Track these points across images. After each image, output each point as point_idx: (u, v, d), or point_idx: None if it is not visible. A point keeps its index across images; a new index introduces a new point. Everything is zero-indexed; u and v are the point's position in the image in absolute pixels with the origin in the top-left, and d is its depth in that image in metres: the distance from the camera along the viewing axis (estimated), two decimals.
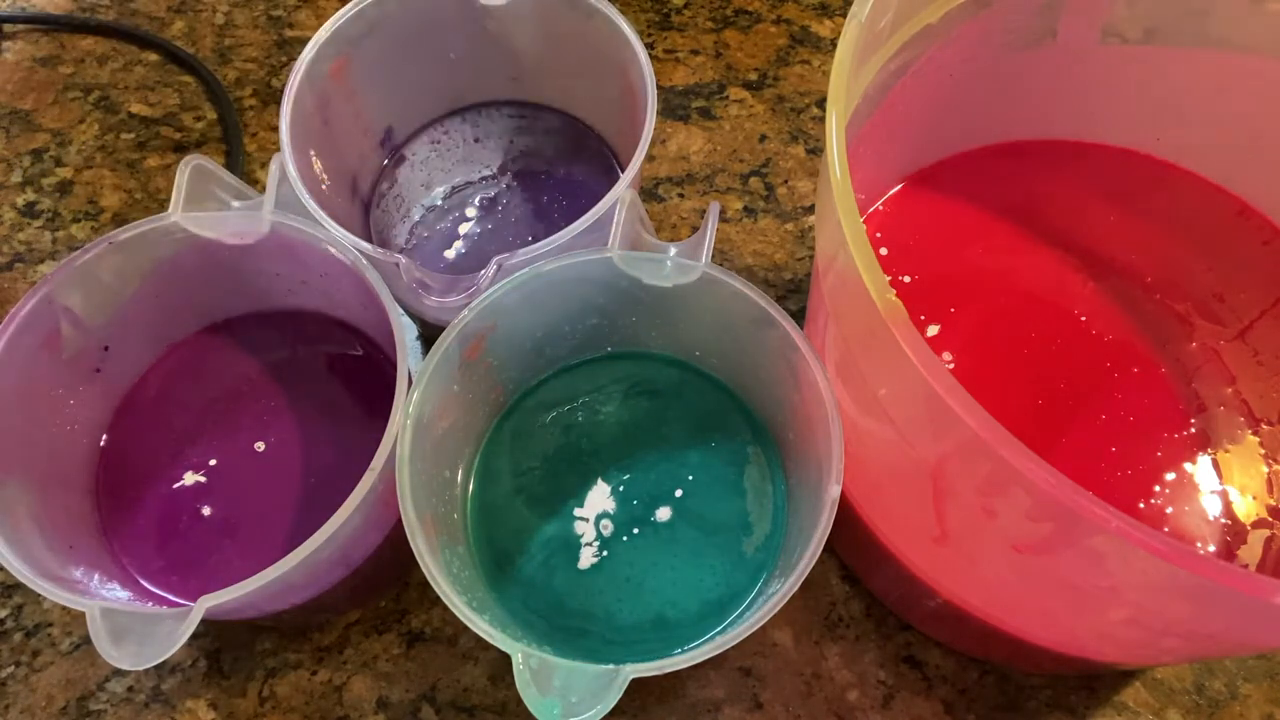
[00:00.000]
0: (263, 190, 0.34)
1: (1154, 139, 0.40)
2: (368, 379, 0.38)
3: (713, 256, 0.33)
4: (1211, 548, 0.34)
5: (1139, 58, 0.37)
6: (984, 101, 0.38)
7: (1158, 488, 0.35)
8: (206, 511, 0.36)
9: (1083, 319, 0.38)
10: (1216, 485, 0.35)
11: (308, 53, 0.37)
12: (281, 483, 0.36)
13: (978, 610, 0.32)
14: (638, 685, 0.35)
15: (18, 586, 0.39)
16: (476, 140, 0.45)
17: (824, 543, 0.28)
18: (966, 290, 0.38)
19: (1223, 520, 0.34)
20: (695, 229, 0.40)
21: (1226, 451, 0.35)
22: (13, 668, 0.37)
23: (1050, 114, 0.40)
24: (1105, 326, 0.38)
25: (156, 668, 0.37)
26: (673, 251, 0.33)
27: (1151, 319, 0.38)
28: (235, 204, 0.34)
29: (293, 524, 0.32)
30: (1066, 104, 0.39)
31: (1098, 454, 0.35)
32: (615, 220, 0.33)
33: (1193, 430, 0.36)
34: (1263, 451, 0.36)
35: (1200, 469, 0.35)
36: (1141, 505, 0.34)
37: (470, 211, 0.43)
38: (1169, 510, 0.34)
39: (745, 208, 0.47)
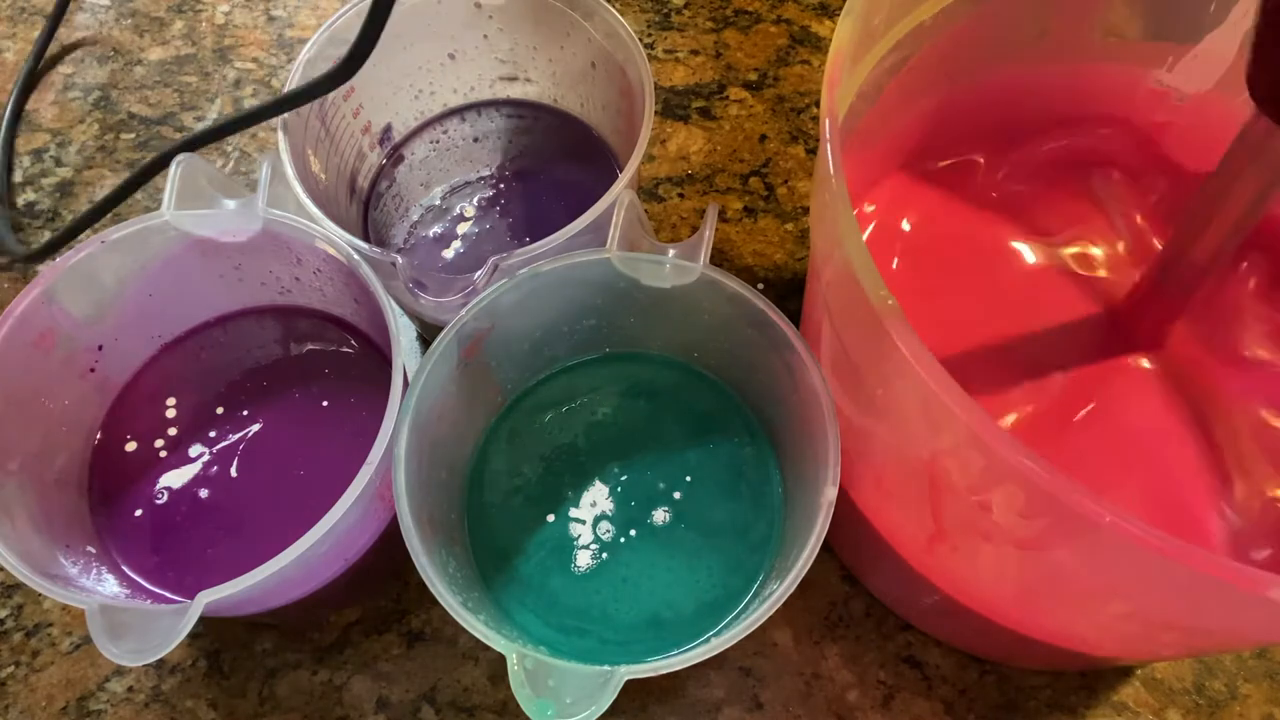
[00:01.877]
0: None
1: (1151, 133, 0.40)
2: (363, 376, 0.38)
3: (712, 257, 0.33)
4: (1213, 536, 0.34)
5: (1136, 55, 0.37)
6: (979, 98, 0.39)
7: (1155, 481, 0.35)
8: (201, 509, 0.36)
9: (1079, 312, 0.38)
10: (1216, 476, 0.35)
11: (306, 52, 0.37)
12: (276, 480, 0.36)
13: (977, 605, 0.32)
14: (638, 685, 0.35)
15: (18, 586, 0.39)
16: (475, 140, 0.45)
17: (821, 544, 0.28)
18: (963, 286, 0.38)
19: (1224, 509, 0.34)
20: (695, 229, 0.40)
21: (1227, 442, 0.35)
22: (13, 668, 0.37)
23: (1046, 110, 0.40)
24: (1102, 320, 0.38)
25: (156, 668, 0.37)
26: (671, 253, 0.33)
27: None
28: (228, 202, 0.34)
29: (288, 521, 0.32)
30: (1062, 99, 0.39)
31: (1094, 448, 0.35)
32: (614, 221, 0.33)
33: (1192, 422, 0.36)
34: (1263, 442, 0.35)
35: (1200, 460, 0.35)
36: (1140, 499, 0.34)
37: (469, 211, 0.43)
38: (1168, 502, 0.34)
39: (745, 208, 0.47)
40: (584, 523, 0.36)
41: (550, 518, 0.36)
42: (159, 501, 0.36)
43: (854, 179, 0.39)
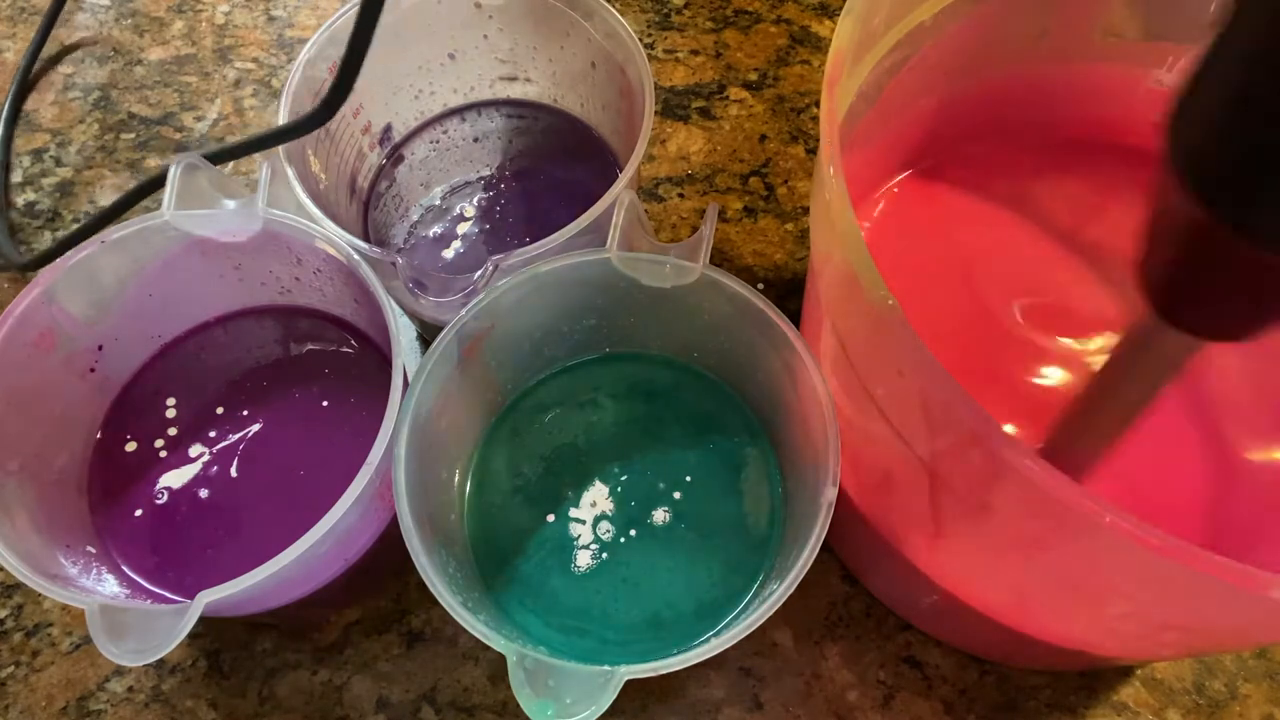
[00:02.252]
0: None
1: (1151, 134, 0.40)
2: (363, 376, 0.38)
3: (712, 256, 0.33)
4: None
5: (1136, 55, 0.37)
6: (979, 98, 0.39)
7: (1153, 483, 0.35)
8: (201, 509, 0.36)
9: (1079, 314, 0.38)
10: (1214, 475, 0.35)
11: (306, 52, 0.37)
12: (276, 480, 0.36)
13: (977, 605, 0.31)
14: (638, 685, 0.35)
15: (18, 586, 0.39)
16: (475, 140, 0.45)
17: (820, 544, 0.28)
18: (962, 286, 0.38)
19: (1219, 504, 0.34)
20: (695, 229, 0.40)
21: (1222, 441, 0.35)
22: (13, 668, 0.37)
23: (1046, 110, 0.40)
24: (1102, 322, 0.38)
25: (156, 668, 0.37)
26: (671, 253, 0.33)
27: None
28: (228, 202, 0.34)
29: (287, 522, 0.32)
30: (1062, 101, 0.39)
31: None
32: (614, 221, 0.33)
33: (1190, 424, 0.36)
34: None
35: (1199, 461, 0.35)
36: (1138, 499, 0.34)
37: (469, 211, 0.43)
38: (1165, 500, 0.34)
39: (745, 208, 0.47)
40: (584, 523, 0.36)
41: (550, 518, 0.36)
42: (159, 501, 0.36)
43: (854, 179, 0.39)
